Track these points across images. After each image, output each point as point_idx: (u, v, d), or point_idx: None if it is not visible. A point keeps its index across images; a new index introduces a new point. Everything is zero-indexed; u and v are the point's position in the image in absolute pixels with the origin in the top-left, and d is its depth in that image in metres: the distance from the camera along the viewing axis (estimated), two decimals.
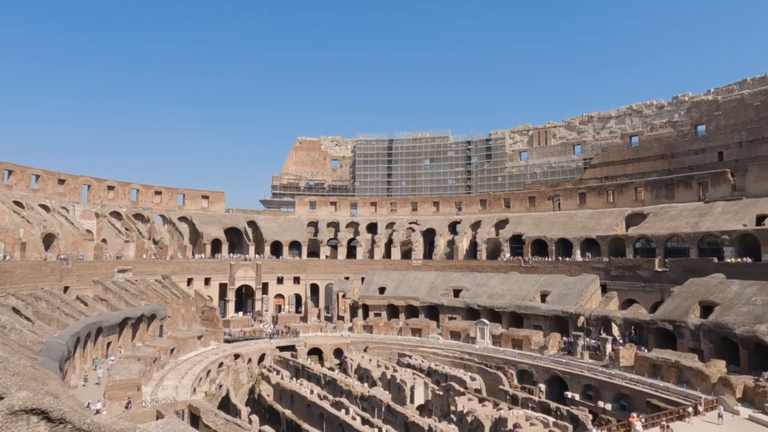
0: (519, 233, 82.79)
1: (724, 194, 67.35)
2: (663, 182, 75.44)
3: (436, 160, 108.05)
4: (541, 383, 53.94)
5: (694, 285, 54.57)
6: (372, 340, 72.15)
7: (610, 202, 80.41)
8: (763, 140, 69.77)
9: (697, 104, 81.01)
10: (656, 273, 62.05)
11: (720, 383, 40.01)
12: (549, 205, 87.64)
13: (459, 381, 51.54)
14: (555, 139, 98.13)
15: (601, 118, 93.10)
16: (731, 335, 45.22)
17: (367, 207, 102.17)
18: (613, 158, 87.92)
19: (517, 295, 69.68)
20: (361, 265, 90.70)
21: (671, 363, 44.75)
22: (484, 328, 64.92)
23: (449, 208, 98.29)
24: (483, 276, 77.88)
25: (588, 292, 65.01)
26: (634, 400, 44.55)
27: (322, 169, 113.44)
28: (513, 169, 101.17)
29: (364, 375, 57.02)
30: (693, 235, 62.21)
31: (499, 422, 38.62)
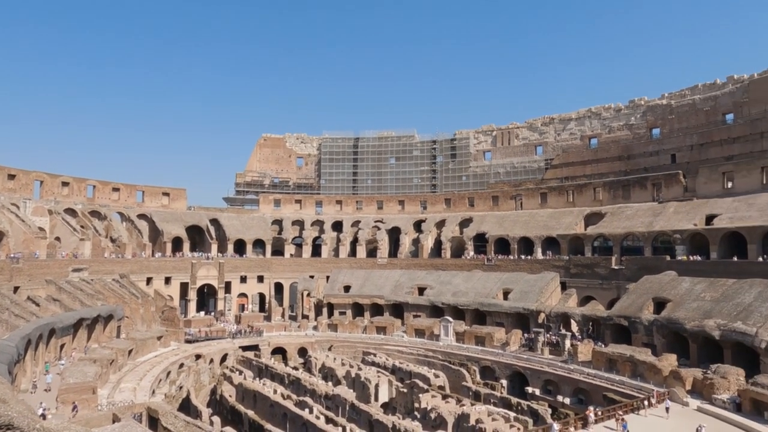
0: (483, 232, 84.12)
1: (677, 195, 70.17)
2: (620, 183, 78.02)
3: (402, 159, 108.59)
4: (503, 379, 55.00)
5: (648, 282, 56.68)
6: (337, 339, 71.98)
7: (570, 202, 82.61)
8: (713, 144, 73.04)
9: (652, 108, 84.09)
10: (613, 271, 64.15)
11: (671, 376, 41.70)
12: (512, 205, 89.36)
13: (423, 378, 51.98)
14: (518, 139, 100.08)
15: (562, 120, 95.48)
16: (682, 330, 47.19)
17: (333, 205, 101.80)
18: (573, 159, 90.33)
19: (480, 293, 70.78)
20: (327, 263, 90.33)
21: (626, 357, 46.35)
22: (448, 326, 65.69)
23: (414, 207, 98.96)
24: (447, 274, 78.78)
25: (548, 289, 66.65)
26: (591, 394, 45.97)
27: (287, 166, 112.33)
28: (477, 168, 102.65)
29: (329, 374, 56.84)
30: (647, 234, 64.60)
31: (462, 418, 39.17)
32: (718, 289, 49.35)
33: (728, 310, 45.41)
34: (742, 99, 72.68)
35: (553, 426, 31.69)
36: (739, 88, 73.51)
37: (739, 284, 48.43)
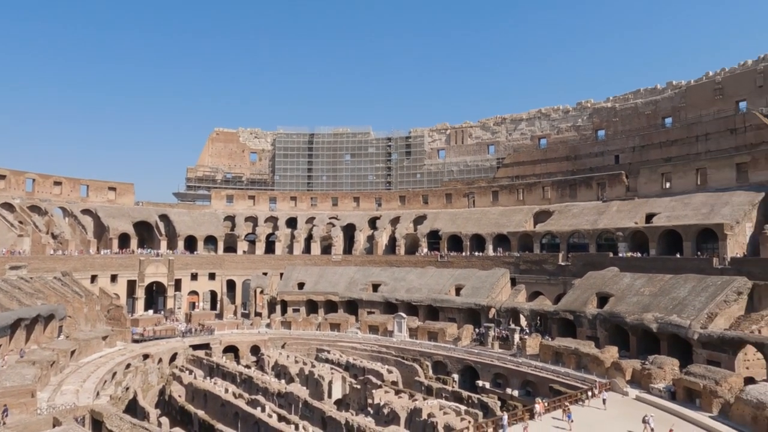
0: (436, 229, 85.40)
1: (620, 194, 73.47)
2: (567, 182, 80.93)
3: (357, 156, 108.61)
4: (454, 373, 56.14)
5: (592, 278, 59.17)
6: (290, 336, 71.43)
7: (520, 200, 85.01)
8: (653, 146, 76.85)
9: (598, 110, 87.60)
10: (560, 267, 66.56)
11: (613, 367, 43.77)
12: (464, 202, 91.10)
13: (376, 374, 52.41)
14: (471, 138, 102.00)
15: (513, 120, 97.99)
16: (623, 323, 49.59)
17: (287, 201, 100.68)
18: (523, 159, 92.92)
19: (433, 289, 71.89)
20: (280, 260, 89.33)
21: (571, 350, 48.27)
22: (402, 322, 66.40)
23: (369, 204, 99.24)
24: (401, 271, 79.56)
25: (499, 285, 68.48)
26: (538, 386, 47.64)
27: (240, 161, 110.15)
28: (431, 166, 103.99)
29: (282, 371, 56.41)
30: (592, 231, 67.40)
31: (414, 413, 39.83)
32: (656, 284, 52.10)
33: (665, 304, 48.04)
34: (680, 104, 76.76)
35: (504, 418, 32.69)
36: (678, 93, 77.61)
37: (675, 279, 51.30)
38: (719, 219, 55.73)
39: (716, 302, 44.78)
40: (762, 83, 68.04)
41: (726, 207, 57.75)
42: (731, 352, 39.87)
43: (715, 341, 41.07)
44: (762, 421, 30.35)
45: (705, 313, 43.98)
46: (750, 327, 41.15)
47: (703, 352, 41.89)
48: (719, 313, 44.06)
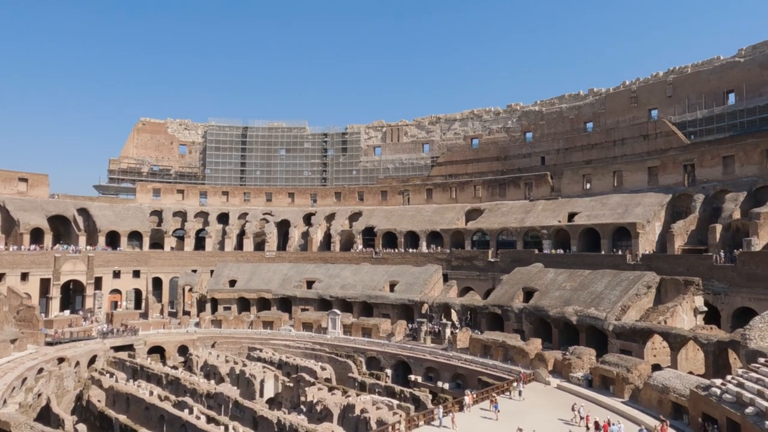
0: (371, 226, 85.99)
1: (545, 194, 77.23)
2: (497, 182, 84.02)
3: (293, 151, 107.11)
4: (388, 368, 56.85)
5: (519, 273, 61.87)
6: (221, 335, 69.47)
7: (453, 198, 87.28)
8: (575, 149, 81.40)
9: (527, 113, 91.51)
10: (489, 263, 69.06)
11: (536, 358, 46.00)
12: (399, 200, 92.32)
13: (310, 372, 52.14)
14: (406, 136, 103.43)
15: (447, 120, 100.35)
16: (546, 317, 52.27)
17: (219, 196, 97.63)
18: (456, 158, 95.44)
19: (368, 285, 72.38)
20: (211, 257, 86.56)
21: (499, 343, 50.26)
22: (336, 318, 66.37)
23: (304, 200, 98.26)
24: (336, 267, 79.44)
25: (432, 281, 70.05)
26: (468, 378, 49.24)
27: (168, 154, 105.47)
28: (367, 163, 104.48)
29: (211, 372, 54.82)
30: (520, 229, 70.45)
31: (347, 409, 40.03)
32: (577, 279, 55.30)
33: (584, 298, 51.14)
34: (600, 110, 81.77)
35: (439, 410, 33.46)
36: (598, 99, 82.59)
37: (594, 274, 54.69)
38: (633, 218, 59.99)
39: (629, 296, 48.21)
40: (671, 93, 73.79)
41: (639, 207, 62.23)
42: (641, 341, 43.10)
43: (627, 332, 44.23)
44: (666, 403, 33.09)
45: (619, 306, 47.25)
46: (657, 318, 44.64)
47: (616, 342, 45.00)
48: (631, 305, 47.47)
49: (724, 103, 68.56)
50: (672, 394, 32.75)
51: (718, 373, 35.28)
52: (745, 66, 67.18)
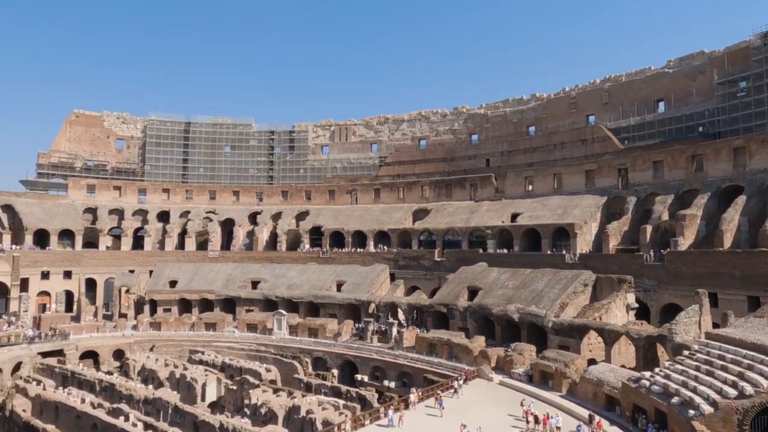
0: (319, 225, 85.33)
1: (489, 195, 79.25)
2: (444, 182, 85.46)
3: (238, 148, 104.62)
4: (334, 369, 56.54)
5: (464, 273, 63.14)
6: (160, 338, 66.81)
7: (400, 198, 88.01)
8: (518, 151, 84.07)
9: (473, 116, 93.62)
10: (436, 262, 70.10)
11: (480, 356, 47.09)
12: (347, 199, 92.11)
13: (254, 374, 51.08)
14: (355, 136, 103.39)
15: (395, 121, 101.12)
16: (490, 314, 53.60)
17: (159, 194, 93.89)
18: (404, 158, 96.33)
19: (314, 285, 71.76)
20: (150, 256, 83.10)
21: (444, 341, 51.07)
22: (282, 319, 65.36)
23: (250, 198, 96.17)
24: (282, 267, 78.28)
25: (379, 280, 70.32)
26: (413, 376, 49.72)
27: (104, 148, 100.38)
28: (315, 162, 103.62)
29: (150, 376, 52.66)
30: (465, 229, 71.97)
31: (292, 410, 39.49)
32: (519, 277, 57.04)
33: (525, 296, 52.81)
34: (541, 114, 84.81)
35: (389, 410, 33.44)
36: (540, 104, 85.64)
37: (535, 273, 56.57)
38: (571, 219, 62.59)
39: (567, 293, 50.20)
40: (607, 100, 77.57)
41: (577, 209, 64.98)
42: (578, 337, 44.98)
43: (565, 328, 46.05)
44: (600, 396, 34.69)
45: (558, 304, 49.11)
46: (593, 314, 46.75)
47: (555, 338, 46.75)
48: (569, 303, 49.47)
49: (654, 111, 72.77)
50: (606, 387, 34.37)
51: (647, 366, 37.29)
52: (674, 76, 71.57)
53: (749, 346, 28.93)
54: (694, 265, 47.82)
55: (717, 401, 25.43)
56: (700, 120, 66.47)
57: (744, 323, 33.02)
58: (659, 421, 28.63)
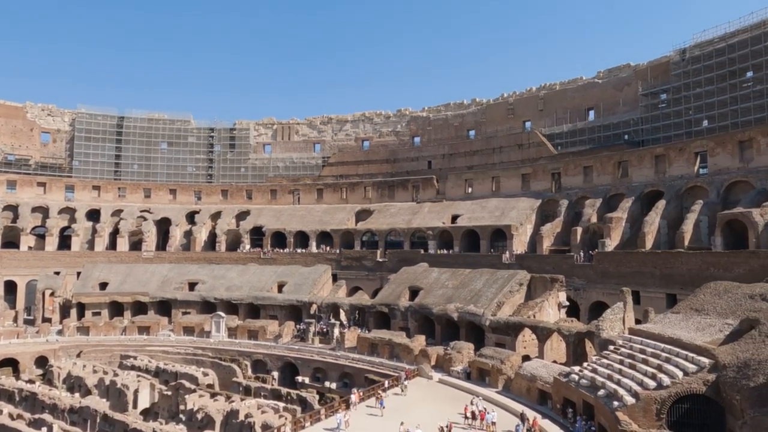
0: (260, 225, 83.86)
1: (431, 196, 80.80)
2: (386, 183, 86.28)
3: (176, 145, 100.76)
4: (274, 371, 55.79)
5: (406, 273, 64.03)
6: (88, 344, 63.34)
7: (343, 199, 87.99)
8: (459, 154, 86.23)
9: (415, 119, 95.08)
10: (378, 263, 70.67)
11: (421, 355, 47.94)
12: (290, 199, 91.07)
13: (190, 378, 49.55)
14: (298, 135, 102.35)
15: (339, 121, 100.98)
16: (430, 314, 54.67)
17: (89, 191, 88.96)
18: (347, 159, 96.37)
19: (255, 287, 70.47)
20: (78, 257, 78.63)
21: (386, 341, 51.59)
22: (220, 321, 63.70)
23: (188, 197, 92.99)
24: (221, 268, 76.33)
25: (321, 281, 70.04)
26: (355, 377, 49.91)
27: (27, 142, 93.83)
28: (256, 161, 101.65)
29: (76, 384, 49.89)
30: (407, 230, 73.02)
31: (230, 415, 38.68)
32: (458, 277, 58.52)
33: (464, 296, 54.27)
34: (481, 119, 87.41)
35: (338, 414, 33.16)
36: (480, 109, 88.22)
37: (473, 273, 58.22)
38: (508, 221, 64.94)
39: (504, 293, 52.05)
40: (542, 107, 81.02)
41: (513, 211, 67.50)
42: (513, 334, 46.76)
43: (501, 326, 47.73)
44: (533, 391, 36.26)
45: (495, 302, 50.83)
46: (527, 313, 48.76)
47: (492, 336, 48.36)
48: (506, 302, 51.32)
49: (585, 118, 76.75)
50: (539, 382, 35.97)
51: (577, 361, 39.32)
52: (603, 87, 75.80)
53: (667, 340, 31.15)
54: (619, 265, 50.89)
55: (638, 392, 27.22)
56: (626, 128, 70.72)
57: (662, 319, 35.50)
58: (587, 413, 30.30)
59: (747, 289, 32.64)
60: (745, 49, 57.69)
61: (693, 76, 62.58)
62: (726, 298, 32.74)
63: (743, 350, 25.85)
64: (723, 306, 32.16)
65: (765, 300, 30.47)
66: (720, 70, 59.97)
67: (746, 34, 58.04)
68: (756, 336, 26.41)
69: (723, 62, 59.72)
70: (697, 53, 62.79)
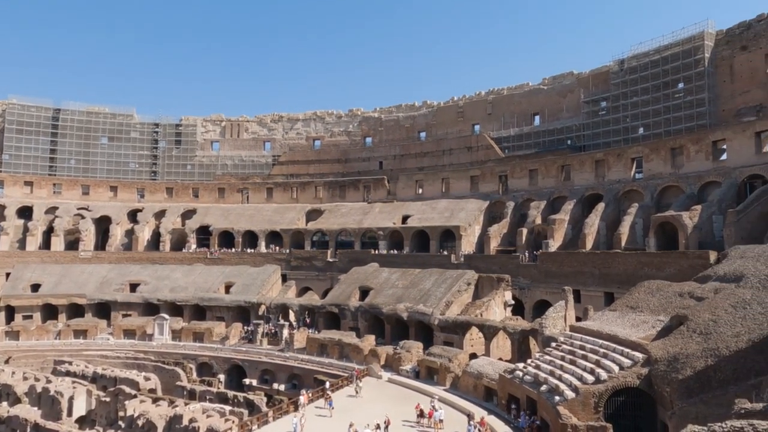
0: (207, 224, 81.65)
1: (382, 197, 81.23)
2: (338, 183, 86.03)
3: (117, 140, 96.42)
4: (221, 374, 54.54)
5: (356, 273, 64.07)
6: (18, 349, 59.73)
7: (294, 198, 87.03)
8: (410, 155, 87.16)
9: (367, 119, 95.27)
10: (328, 263, 70.35)
11: (370, 354, 48.09)
12: (238, 198, 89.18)
13: (131, 383, 47.51)
14: (247, 133, 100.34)
15: (290, 119, 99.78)
16: (380, 314, 54.95)
17: (20, 186, 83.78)
18: (298, 158, 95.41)
19: (201, 287, 68.59)
20: (7, 257, 73.95)
21: (335, 341, 51.44)
22: (164, 324, 61.59)
23: (130, 195, 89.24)
24: (166, 268, 73.77)
25: (270, 281, 69.00)
26: (304, 378, 49.48)
27: None
28: (204, 158, 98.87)
29: (4, 392, 46.83)
30: (358, 230, 73.09)
31: (174, 420, 37.39)
32: (408, 277, 59.12)
33: (414, 295, 54.88)
34: (432, 121, 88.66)
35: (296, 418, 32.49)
36: (431, 111, 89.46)
37: (423, 273, 58.99)
38: (457, 222, 66.21)
39: (452, 292, 53.03)
40: (491, 111, 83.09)
41: (462, 212, 68.88)
42: (461, 333, 47.70)
43: (450, 325, 48.60)
44: (480, 388, 37.13)
45: (444, 302, 51.70)
46: (475, 311, 49.87)
47: (441, 334, 49.16)
48: (454, 301, 52.31)
49: (531, 123, 79.32)
50: (485, 379, 36.86)
51: (521, 358, 40.52)
52: (547, 93, 78.56)
53: (605, 336, 32.67)
54: (561, 265, 52.91)
55: (578, 387, 28.40)
56: (569, 134, 73.61)
57: (601, 316, 37.21)
58: (530, 408, 31.34)
59: (677, 288, 34.73)
60: (677, 62, 61.38)
61: (630, 86, 65.95)
62: (658, 296, 34.70)
63: (673, 345, 27.46)
64: (655, 303, 34.08)
65: (693, 297, 32.53)
66: (654, 80, 63.51)
67: (678, 48, 61.75)
68: (684, 332, 28.11)
69: (657, 73, 63.28)
70: (635, 64, 66.19)
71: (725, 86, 59.20)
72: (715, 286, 32.88)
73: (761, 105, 55.62)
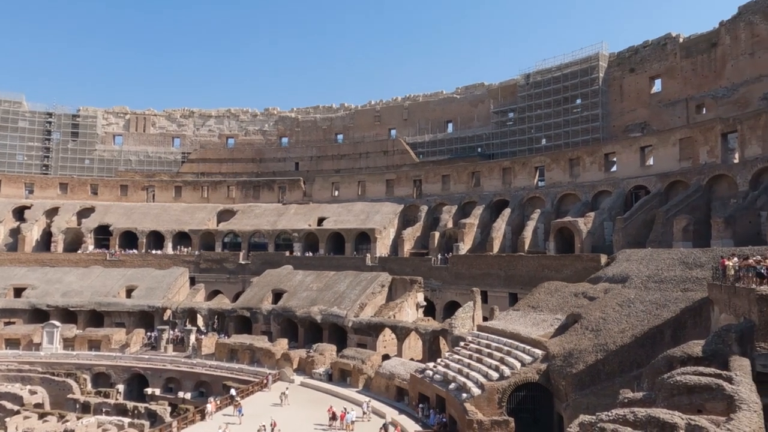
0: (107, 224, 75.98)
1: (298, 198, 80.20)
2: (252, 183, 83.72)
3: (3, 129, 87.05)
4: (119, 384, 51.04)
5: (270, 275, 62.75)
6: None
7: (204, 198, 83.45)
8: (327, 157, 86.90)
9: (283, 119, 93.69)
10: (240, 265, 68.25)
11: (283, 358, 47.28)
12: (143, 196, 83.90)
13: (13, 398, 43.27)
14: (154, 128, 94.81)
15: (201, 115, 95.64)
16: (294, 317, 54.21)
17: None
18: (210, 156, 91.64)
19: (98, 292, 63.72)
20: None
21: (246, 346, 50.02)
22: (54, 332, 56.42)
23: (16, 190, 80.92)
24: (57, 271, 67.75)
25: (177, 285, 65.66)
26: (212, 385, 47.62)
27: None
28: (105, 153, 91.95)
29: None
30: (272, 231, 71.58)
31: None
32: (323, 280, 58.88)
33: (328, 298, 54.74)
34: (349, 124, 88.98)
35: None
36: (348, 114, 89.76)
37: (338, 275, 59.03)
38: (372, 225, 66.98)
39: (366, 294, 53.55)
40: (407, 117, 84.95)
41: (378, 215, 69.78)
42: (375, 335, 48.29)
43: (363, 327, 49.01)
44: (392, 388, 37.83)
45: (358, 304, 52.06)
46: (388, 313, 50.68)
47: (354, 336, 49.46)
48: (368, 303, 52.84)
49: (444, 130, 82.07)
50: (397, 379, 37.60)
51: (432, 358, 41.70)
52: (460, 102, 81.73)
53: (509, 335, 34.58)
54: (470, 267, 55.20)
55: (483, 384, 29.82)
56: (480, 142, 77.03)
57: (506, 316, 39.35)
58: (440, 406, 32.43)
59: (573, 288, 37.56)
60: (576, 79, 66.43)
61: (535, 99, 70.37)
62: (556, 296, 37.32)
63: (568, 342, 29.67)
64: (554, 303, 36.62)
65: (586, 297, 35.34)
66: (556, 95, 68.26)
67: (576, 66, 66.86)
68: (578, 329, 30.48)
69: (559, 89, 68.08)
70: (539, 78, 70.72)
71: (616, 104, 64.96)
72: (605, 286, 35.94)
73: (645, 123, 61.65)
